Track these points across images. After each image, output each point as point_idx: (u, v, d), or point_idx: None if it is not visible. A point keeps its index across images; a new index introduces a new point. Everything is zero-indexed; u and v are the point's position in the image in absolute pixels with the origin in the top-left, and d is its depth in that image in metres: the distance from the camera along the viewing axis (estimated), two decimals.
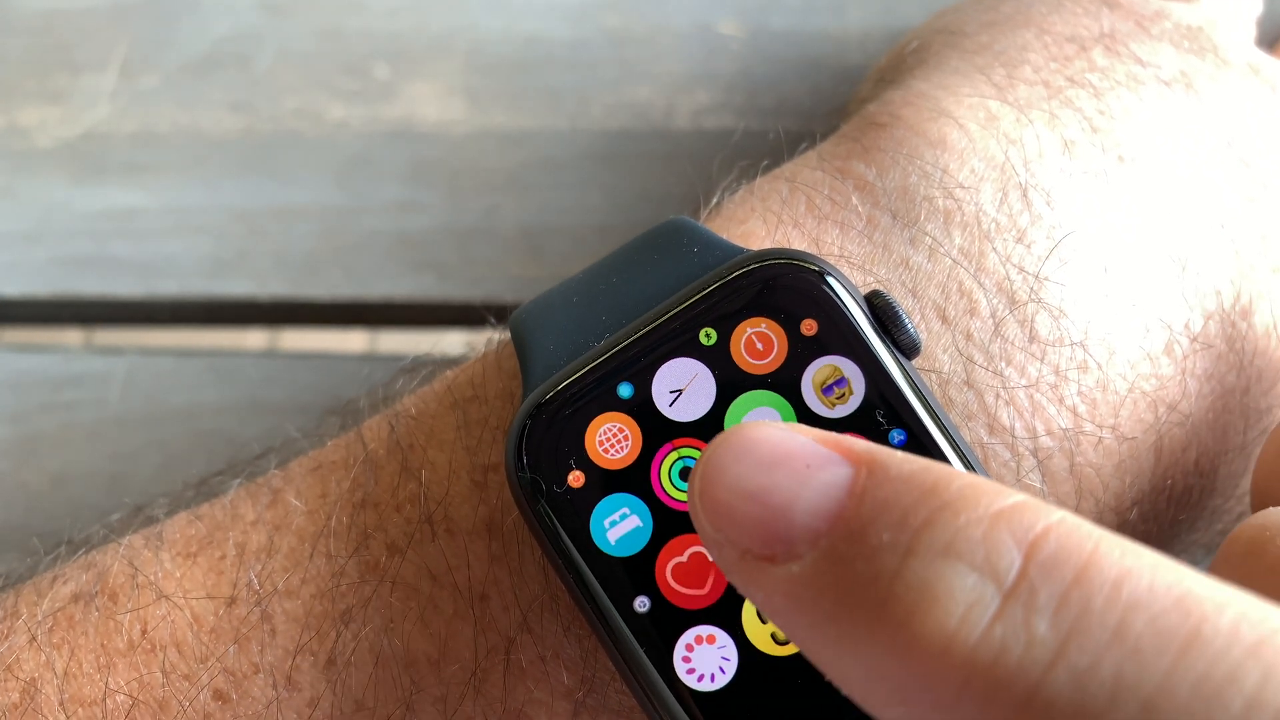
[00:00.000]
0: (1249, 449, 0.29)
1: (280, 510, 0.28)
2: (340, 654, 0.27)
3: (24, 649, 0.27)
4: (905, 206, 0.28)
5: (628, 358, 0.26)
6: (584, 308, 0.28)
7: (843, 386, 0.25)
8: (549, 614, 0.26)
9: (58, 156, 0.42)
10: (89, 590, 0.28)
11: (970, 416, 0.27)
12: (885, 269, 0.28)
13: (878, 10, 0.43)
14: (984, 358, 0.27)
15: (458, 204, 0.41)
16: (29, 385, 0.40)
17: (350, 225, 0.41)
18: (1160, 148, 0.29)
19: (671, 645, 0.24)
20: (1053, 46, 0.31)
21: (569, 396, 0.26)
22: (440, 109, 0.42)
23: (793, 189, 0.29)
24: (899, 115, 0.30)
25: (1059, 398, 0.27)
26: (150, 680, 0.26)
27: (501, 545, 0.27)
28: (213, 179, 0.42)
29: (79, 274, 0.41)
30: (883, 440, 0.25)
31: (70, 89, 0.43)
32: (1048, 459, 0.27)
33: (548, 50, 0.43)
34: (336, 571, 0.27)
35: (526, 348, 0.28)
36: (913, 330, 0.26)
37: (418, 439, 0.28)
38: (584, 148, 0.42)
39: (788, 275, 0.26)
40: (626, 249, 0.29)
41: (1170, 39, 0.31)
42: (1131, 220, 0.28)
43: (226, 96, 0.43)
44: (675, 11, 0.43)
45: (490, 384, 0.29)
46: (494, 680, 0.26)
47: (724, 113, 0.42)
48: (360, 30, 0.43)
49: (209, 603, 0.27)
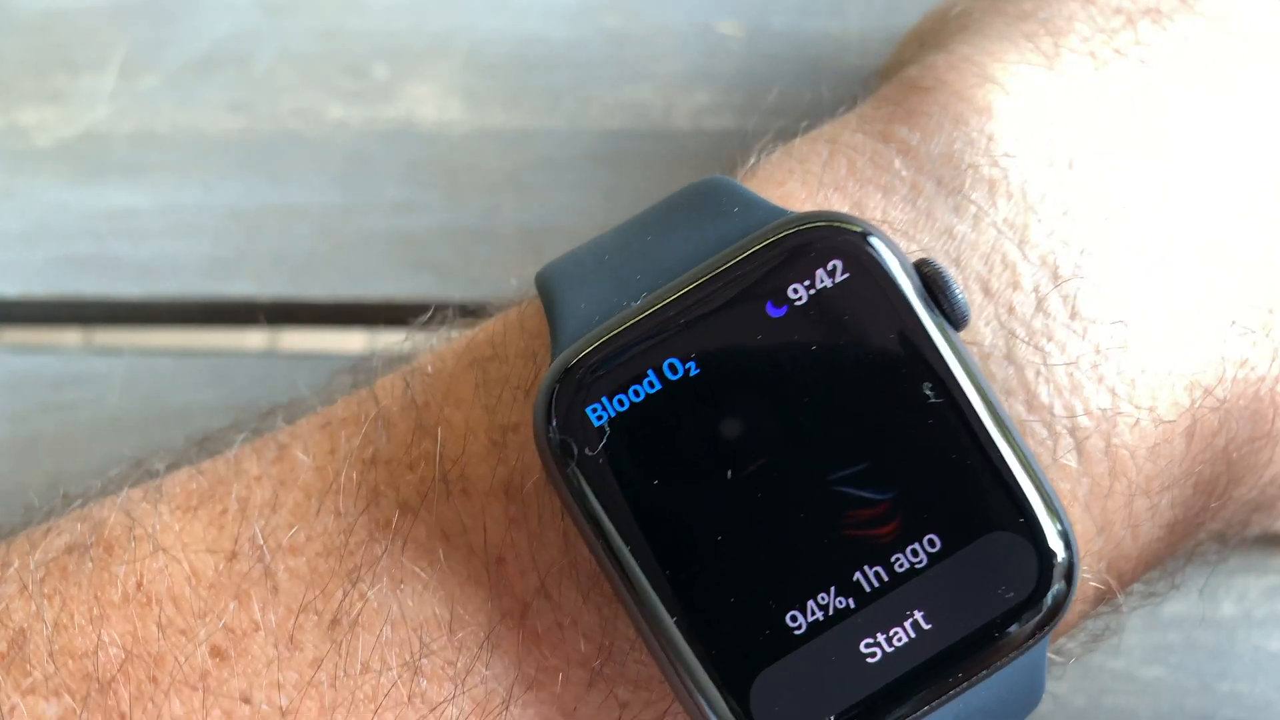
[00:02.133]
0: (1277, 437, 0.29)
1: (286, 465, 0.27)
2: (346, 614, 0.26)
3: (14, 598, 0.26)
4: (950, 173, 0.28)
5: (665, 319, 0.25)
6: (617, 266, 0.27)
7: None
8: (568, 580, 0.26)
9: (56, 156, 0.42)
10: (84, 541, 0.27)
11: (1010, 392, 0.26)
12: (929, 236, 0.27)
13: (878, 10, 0.43)
14: (1026, 332, 0.27)
15: (457, 204, 0.41)
16: (28, 386, 0.40)
17: (349, 225, 0.41)
18: (1206, 126, 0.28)
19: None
20: (1099, 18, 0.30)
21: (603, 358, 0.25)
22: (439, 109, 0.42)
23: (833, 151, 0.28)
24: (944, 80, 0.29)
25: (1099, 376, 0.26)
26: (145, 634, 0.26)
27: (520, 508, 0.26)
28: (212, 179, 0.42)
29: (78, 274, 0.41)
30: (926, 409, 0.25)
31: (69, 89, 0.43)
32: (1085, 439, 0.26)
33: (547, 50, 0.43)
34: (345, 529, 0.26)
35: (556, 306, 0.27)
36: (962, 300, 0.25)
37: (434, 396, 0.28)
38: (584, 148, 0.42)
39: (834, 239, 0.25)
40: (662, 207, 0.28)
41: (1215, 17, 0.30)
42: (1179, 197, 0.28)
43: (226, 96, 0.43)
44: (675, 11, 0.43)
45: (511, 342, 0.28)
46: (507, 646, 0.26)
47: (724, 113, 0.42)
48: (359, 30, 0.43)
49: (209, 557, 0.26)
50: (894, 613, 0.24)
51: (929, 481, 0.25)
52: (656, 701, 0.26)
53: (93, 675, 0.25)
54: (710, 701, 0.24)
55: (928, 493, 0.24)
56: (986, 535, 0.24)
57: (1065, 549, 0.24)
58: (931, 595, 0.24)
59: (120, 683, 0.25)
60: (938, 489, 0.25)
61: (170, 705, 0.25)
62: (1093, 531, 0.27)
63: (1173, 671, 0.35)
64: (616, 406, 0.25)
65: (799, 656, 0.24)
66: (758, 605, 0.24)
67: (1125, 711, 0.35)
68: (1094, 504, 0.27)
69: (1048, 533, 0.24)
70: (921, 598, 0.24)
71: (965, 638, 0.24)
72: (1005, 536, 0.24)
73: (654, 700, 0.26)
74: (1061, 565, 0.24)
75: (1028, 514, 0.24)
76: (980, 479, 0.25)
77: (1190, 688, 0.35)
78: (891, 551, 0.24)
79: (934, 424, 0.25)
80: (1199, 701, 0.35)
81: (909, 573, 0.24)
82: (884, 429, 0.25)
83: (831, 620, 0.24)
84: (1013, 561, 0.24)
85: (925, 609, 0.24)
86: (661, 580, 0.24)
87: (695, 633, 0.24)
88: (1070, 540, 0.25)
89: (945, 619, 0.24)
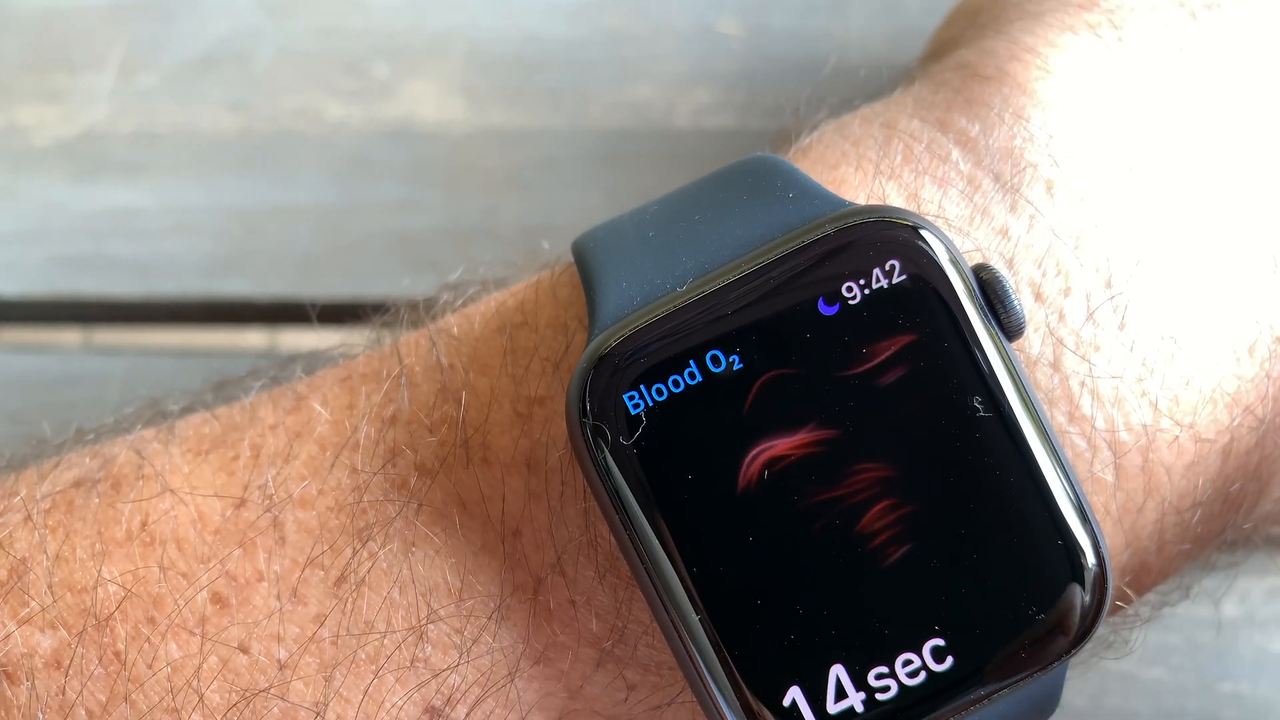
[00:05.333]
0: None
1: (303, 416, 0.27)
2: (353, 572, 0.25)
3: (18, 526, 0.26)
4: (1009, 170, 0.27)
5: (711, 307, 0.24)
6: (663, 246, 0.26)
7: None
8: (585, 559, 0.25)
9: (56, 156, 0.42)
10: (92, 476, 0.27)
11: (1053, 402, 0.26)
12: (983, 234, 0.26)
13: (878, 10, 0.42)
14: (1074, 341, 0.26)
15: (457, 204, 0.41)
16: (27, 386, 0.40)
17: (349, 225, 0.41)
18: (1269, 130, 0.28)
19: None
20: (1161, 9, 0.29)
21: (644, 343, 0.24)
22: (439, 108, 0.42)
23: (889, 136, 0.28)
24: (1006, 70, 0.28)
25: (1143, 391, 0.26)
26: (146, 574, 0.25)
27: (541, 482, 0.25)
28: (211, 178, 0.42)
29: (77, 274, 0.41)
30: (972, 422, 0.24)
31: (68, 88, 0.43)
32: (1124, 455, 0.26)
33: (547, 49, 0.43)
34: (358, 486, 0.26)
35: (595, 280, 0.26)
36: (1019, 311, 0.24)
37: (459, 360, 0.27)
38: (584, 147, 0.42)
39: (894, 238, 0.24)
40: (709, 183, 0.27)
41: None
42: (1234, 210, 0.27)
43: (225, 96, 0.43)
44: (675, 11, 0.43)
45: (542, 311, 0.27)
46: (517, 619, 0.25)
47: (724, 112, 0.42)
48: (359, 29, 0.43)
49: (216, 502, 0.26)
50: (923, 624, 0.24)
51: (967, 494, 0.24)
52: (665, 687, 0.26)
53: (90, 611, 0.25)
54: (728, 705, 0.24)
55: (965, 505, 0.24)
56: (1021, 552, 0.24)
57: (1098, 570, 0.24)
58: (960, 608, 0.24)
59: (118, 621, 0.25)
60: (976, 502, 0.24)
61: (166, 648, 0.25)
62: (1121, 546, 0.27)
63: (1174, 672, 0.35)
64: (655, 396, 0.24)
65: (825, 666, 0.24)
66: (785, 612, 0.24)
67: (1127, 712, 0.35)
68: (1125, 519, 0.26)
69: (1085, 554, 0.24)
70: (950, 610, 0.24)
71: (993, 655, 0.24)
72: (1040, 555, 0.24)
73: (663, 685, 0.26)
74: (1094, 587, 0.24)
75: (1065, 535, 0.24)
76: (1021, 496, 0.24)
77: (1192, 689, 0.35)
78: (924, 561, 0.24)
79: (980, 438, 0.24)
80: (1200, 702, 0.35)
81: (939, 584, 0.24)
82: (928, 438, 0.24)
83: (860, 630, 0.24)
84: (1046, 580, 0.24)
85: (953, 622, 0.24)
86: (687, 577, 0.24)
87: (716, 633, 0.24)
88: (1105, 562, 0.24)
89: (973, 633, 0.24)
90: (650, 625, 0.25)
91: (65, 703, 0.25)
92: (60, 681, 0.25)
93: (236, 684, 0.25)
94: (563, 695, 0.26)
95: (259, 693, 0.25)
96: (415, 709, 0.25)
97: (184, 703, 0.25)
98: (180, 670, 0.25)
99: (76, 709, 0.25)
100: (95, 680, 0.25)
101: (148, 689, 0.25)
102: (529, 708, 0.25)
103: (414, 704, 0.25)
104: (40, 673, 0.25)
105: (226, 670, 0.25)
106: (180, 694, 0.25)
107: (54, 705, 0.25)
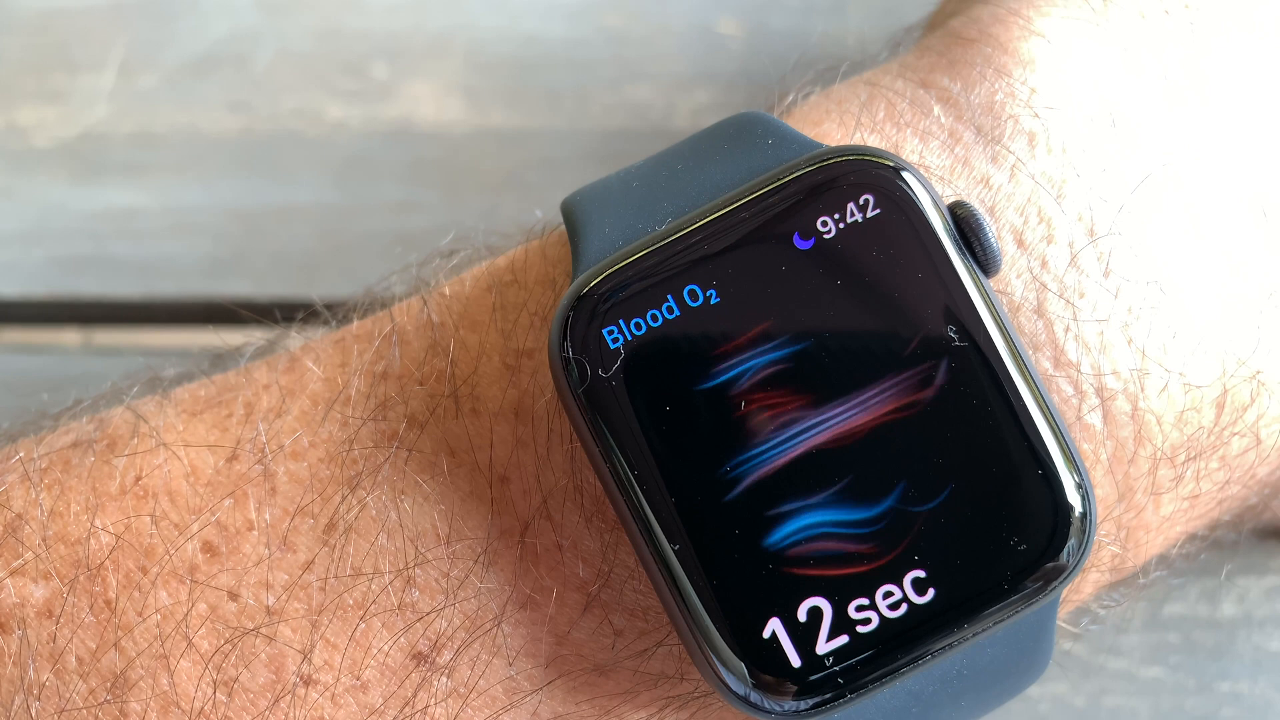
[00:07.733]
0: None
1: (296, 375, 0.27)
2: (342, 518, 0.26)
3: (15, 485, 0.27)
4: (990, 123, 0.27)
5: (688, 245, 0.25)
6: (645, 193, 0.26)
7: None
8: (571, 503, 0.26)
9: (55, 156, 0.42)
10: (89, 438, 0.27)
11: (1038, 347, 0.26)
12: (964, 184, 0.27)
13: (878, 10, 0.43)
14: (1058, 287, 0.26)
15: (457, 204, 0.41)
16: (27, 386, 0.40)
17: (349, 225, 0.41)
18: (1254, 91, 0.28)
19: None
20: None
21: (623, 281, 0.25)
22: (439, 108, 0.42)
23: (872, 94, 0.28)
24: (989, 31, 0.28)
25: (1129, 337, 0.26)
26: (139, 526, 0.26)
27: (529, 430, 0.26)
28: (211, 179, 0.42)
29: (77, 274, 0.41)
30: (948, 352, 0.24)
31: (68, 89, 0.43)
32: (1111, 400, 0.26)
33: (547, 50, 0.43)
34: (349, 438, 0.26)
35: (579, 230, 0.26)
36: (994, 245, 0.25)
37: (449, 317, 0.27)
38: (583, 147, 0.42)
39: (868, 173, 0.25)
40: (694, 138, 0.27)
41: None
42: (1219, 161, 0.27)
43: (225, 96, 0.43)
44: (675, 11, 0.43)
45: (531, 269, 0.28)
46: (504, 563, 0.26)
47: (724, 112, 0.41)
48: (359, 29, 0.43)
49: (209, 455, 0.26)
50: (904, 556, 0.24)
51: (945, 423, 0.24)
52: (651, 632, 0.26)
53: (82, 562, 0.26)
54: (707, 637, 0.24)
55: (943, 434, 0.24)
56: (1002, 482, 0.24)
57: (1083, 503, 0.24)
58: (941, 540, 0.24)
59: (109, 570, 0.25)
60: (954, 432, 0.24)
61: (157, 595, 0.25)
62: (1114, 497, 0.27)
63: (1173, 671, 0.35)
64: (633, 330, 0.24)
65: (804, 597, 0.24)
66: (765, 542, 0.24)
67: (1125, 711, 0.35)
68: (1117, 468, 0.26)
69: (1066, 485, 0.24)
70: (931, 542, 0.24)
71: (974, 587, 0.24)
72: (1021, 485, 0.24)
73: (649, 630, 0.26)
74: (1078, 519, 0.24)
75: (1046, 465, 0.24)
76: (1000, 425, 0.24)
77: (1190, 688, 0.35)
78: (904, 493, 0.24)
79: (956, 366, 0.24)
80: (1199, 701, 0.35)
81: (920, 515, 0.24)
82: (903, 368, 0.24)
83: (840, 562, 0.24)
84: (1028, 512, 0.24)
85: (934, 554, 0.24)
86: (668, 508, 0.24)
87: (697, 564, 0.24)
88: (1089, 495, 0.24)
89: (955, 566, 0.24)
90: (636, 569, 0.25)
91: (55, 650, 0.25)
92: (51, 629, 0.25)
93: (224, 630, 0.25)
94: (550, 640, 0.26)
95: (246, 634, 0.25)
96: (401, 654, 0.25)
97: (172, 648, 0.25)
98: (170, 617, 0.25)
99: (66, 656, 0.25)
100: (86, 628, 0.25)
101: (137, 635, 0.25)
102: (515, 653, 0.26)
103: (400, 649, 0.25)
104: (32, 621, 0.25)
105: (215, 617, 0.25)
106: (169, 640, 0.25)
107: (44, 653, 0.25)
